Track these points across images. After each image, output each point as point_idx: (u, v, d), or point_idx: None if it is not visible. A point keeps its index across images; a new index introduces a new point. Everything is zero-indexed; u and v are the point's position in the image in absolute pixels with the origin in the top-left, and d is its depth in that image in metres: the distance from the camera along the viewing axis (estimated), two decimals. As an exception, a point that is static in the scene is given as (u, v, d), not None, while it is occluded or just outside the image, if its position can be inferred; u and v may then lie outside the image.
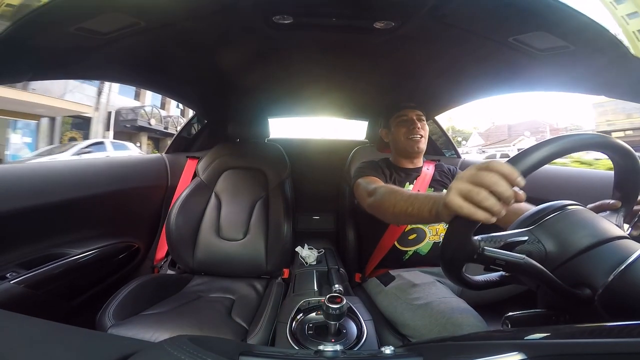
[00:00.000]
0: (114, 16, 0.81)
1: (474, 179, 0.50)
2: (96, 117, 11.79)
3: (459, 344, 0.57)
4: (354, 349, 0.80)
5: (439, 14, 0.81)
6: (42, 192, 1.08)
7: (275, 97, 1.79)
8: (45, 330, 0.39)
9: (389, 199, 0.87)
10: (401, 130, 1.33)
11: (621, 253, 0.51)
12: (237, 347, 0.61)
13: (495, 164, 0.49)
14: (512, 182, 0.48)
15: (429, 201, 0.70)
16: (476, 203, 0.49)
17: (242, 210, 1.54)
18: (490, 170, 0.49)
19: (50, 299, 1.05)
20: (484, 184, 0.49)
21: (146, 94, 14.47)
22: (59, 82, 9.79)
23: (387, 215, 0.89)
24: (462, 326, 0.81)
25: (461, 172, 0.54)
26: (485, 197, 0.48)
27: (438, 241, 1.19)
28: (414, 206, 0.75)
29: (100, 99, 11.78)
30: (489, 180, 0.48)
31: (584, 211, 0.61)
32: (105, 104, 11.95)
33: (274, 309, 1.10)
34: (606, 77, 0.90)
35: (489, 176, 0.48)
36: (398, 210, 0.81)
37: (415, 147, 1.30)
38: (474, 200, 0.49)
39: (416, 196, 0.77)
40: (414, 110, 1.33)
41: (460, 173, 0.55)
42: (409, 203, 0.77)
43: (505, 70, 1.10)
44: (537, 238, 0.58)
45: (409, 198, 0.79)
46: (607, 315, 0.49)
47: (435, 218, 0.67)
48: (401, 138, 1.33)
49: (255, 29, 0.96)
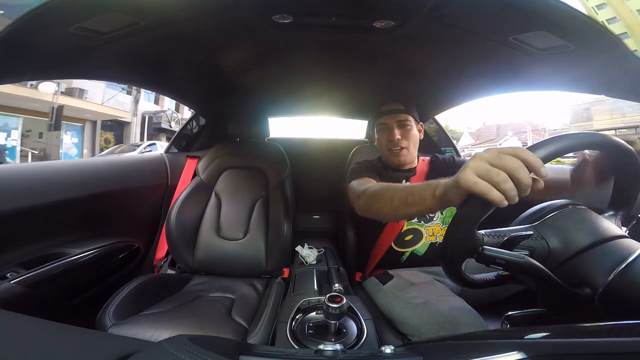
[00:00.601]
0: (113, 16, 0.81)
1: (495, 161, 0.48)
2: (134, 122, 14.02)
3: (459, 343, 0.57)
4: (354, 348, 0.80)
5: (438, 14, 0.81)
6: (42, 191, 1.08)
7: (275, 96, 1.79)
8: (45, 330, 0.39)
9: (383, 195, 0.80)
10: (382, 139, 1.24)
11: (621, 252, 0.51)
12: (237, 346, 0.61)
13: (522, 150, 0.48)
14: (536, 171, 0.47)
15: (431, 185, 0.65)
16: (494, 183, 0.47)
17: (242, 210, 1.54)
18: (514, 156, 0.48)
19: (51, 299, 1.05)
20: (506, 167, 0.47)
21: (164, 99, 16.06)
22: (99, 91, 12.09)
23: (385, 211, 0.80)
24: (460, 324, 0.82)
25: (478, 153, 0.52)
26: (505, 179, 0.47)
27: (435, 242, 1.19)
28: (414, 194, 0.69)
29: (137, 106, 13.99)
30: (511, 165, 0.47)
31: (583, 210, 0.61)
32: (140, 110, 14.24)
33: (274, 308, 1.10)
34: (606, 77, 0.90)
35: (512, 161, 0.47)
36: (396, 202, 0.74)
37: (395, 160, 1.23)
38: (493, 180, 0.47)
39: (414, 185, 0.72)
40: (396, 116, 1.21)
41: (477, 153, 0.52)
42: (407, 192, 0.71)
43: (505, 69, 1.10)
44: (540, 234, 0.58)
45: (405, 188, 0.74)
46: (607, 314, 0.49)
47: (439, 201, 0.61)
48: (382, 148, 1.26)
49: (255, 29, 0.96)
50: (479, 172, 0.49)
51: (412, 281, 1.05)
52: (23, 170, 1.14)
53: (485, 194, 0.47)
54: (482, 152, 0.51)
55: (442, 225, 1.20)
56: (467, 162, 0.52)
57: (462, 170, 0.51)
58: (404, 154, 1.21)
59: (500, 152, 0.49)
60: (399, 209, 0.73)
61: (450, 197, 0.56)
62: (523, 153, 0.48)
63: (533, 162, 0.47)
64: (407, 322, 0.94)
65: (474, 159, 0.51)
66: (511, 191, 0.47)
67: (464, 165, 0.52)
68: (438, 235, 1.19)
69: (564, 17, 0.71)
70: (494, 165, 0.48)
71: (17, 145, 10.50)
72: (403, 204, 0.71)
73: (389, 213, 0.79)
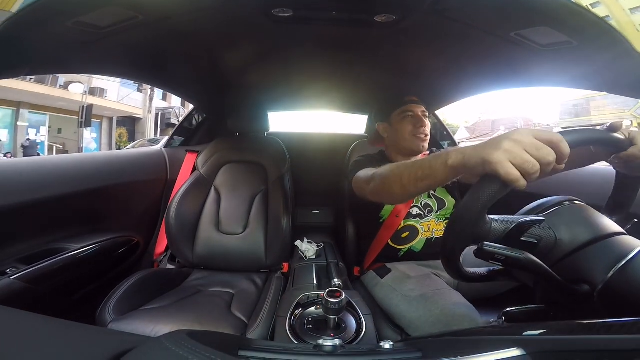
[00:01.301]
0: (111, 10, 0.80)
1: (533, 151, 0.47)
2: (148, 118, 14.87)
3: (458, 339, 0.57)
4: (353, 343, 0.80)
5: (440, 8, 0.81)
6: (41, 186, 1.08)
7: (275, 91, 1.78)
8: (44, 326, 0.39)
9: (394, 173, 0.78)
10: (406, 127, 1.24)
11: (621, 249, 0.51)
12: (236, 341, 0.62)
13: (561, 141, 0.47)
14: (560, 162, 0.47)
15: (440, 156, 0.62)
16: (525, 174, 0.46)
17: (241, 204, 1.54)
18: (553, 147, 0.47)
19: (51, 295, 1.06)
20: (542, 161, 0.46)
21: (172, 96, 16.76)
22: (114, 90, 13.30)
23: (395, 190, 0.78)
24: (454, 317, 0.82)
25: (516, 133, 0.49)
26: (537, 171, 0.46)
27: (431, 237, 1.19)
28: (423, 167, 0.67)
29: (152, 104, 14.95)
30: (547, 160, 0.46)
31: (584, 207, 0.61)
32: (154, 107, 15.21)
33: (273, 303, 1.10)
34: (609, 73, 0.89)
35: (549, 154, 0.46)
36: (406, 179, 0.71)
37: (420, 146, 1.23)
38: (526, 171, 0.46)
39: (422, 159, 0.70)
40: (419, 106, 1.25)
41: (513, 135, 0.49)
42: (417, 167, 0.69)
43: (506, 65, 1.09)
44: (548, 225, 0.58)
45: (414, 163, 0.72)
46: (606, 311, 0.49)
47: (452, 170, 0.59)
48: (406, 135, 1.25)
49: (254, 22, 0.95)
50: (514, 159, 0.47)
51: (409, 274, 1.06)
52: (22, 165, 1.14)
53: (512, 183, 0.46)
54: (518, 134, 0.49)
55: (437, 220, 1.21)
56: (499, 140, 0.50)
57: (495, 149, 0.49)
58: (427, 139, 1.24)
59: (538, 138, 0.48)
60: (410, 185, 0.71)
61: (469, 168, 0.54)
62: (561, 143, 0.47)
63: (565, 154, 0.47)
64: (403, 315, 0.95)
65: (509, 141, 0.48)
66: (535, 179, 0.47)
67: (496, 142, 0.50)
68: (434, 231, 1.19)
69: (566, 13, 0.70)
70: (532, 155, 0.47)
71: (45, 140, 12.04)
72: (414, 179, 0.69)
73: (399, 192, 0.77)
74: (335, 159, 1.85)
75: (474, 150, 0.53)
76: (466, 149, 0.56)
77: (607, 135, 0.57)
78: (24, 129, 11.29)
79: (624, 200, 0.66)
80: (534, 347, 0.36)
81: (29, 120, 11.47)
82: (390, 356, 0.48)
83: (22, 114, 11.14)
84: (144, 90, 14.28)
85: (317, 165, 2.13)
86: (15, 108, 11.04)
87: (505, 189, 0.48)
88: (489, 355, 0.37)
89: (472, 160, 0.53)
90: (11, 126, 11.06)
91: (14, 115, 11.09)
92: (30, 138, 11.25)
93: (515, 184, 0.46)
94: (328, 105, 2.20)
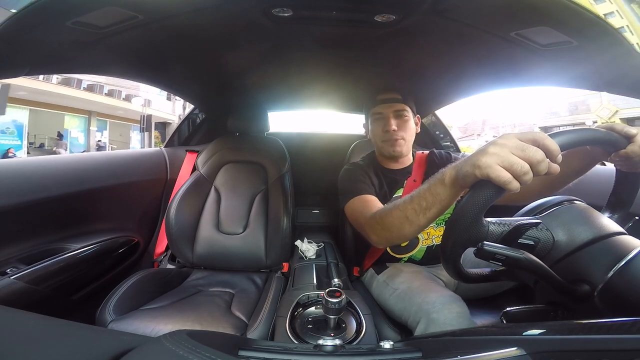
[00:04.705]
0: (111, 10, 0.80)
1: (519, 152, 0.48)
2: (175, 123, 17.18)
3: (458, 339, 0.57)
4: (353, 343, 0.80)
5: (440, 8, 0.80)
6: (42, 186, 1.08)
7: (275, 91, 1.78)
8: (44, 326, 0.39)
9: (395, 216, 0.75)
10: (376, 129, 1.18)
11: (621, 249, 0.50)
12: (236, 341, 0.62)
13: (544, 138, 0.48)
14: (552, 158, 0.48)
15: (436, 178, 0.63)
16: (516, 176, 0.47)
17: (241, 204, 1.54)
18: (538, 145, 0.48)
19: (51, 294, 1.05)
20: (531, 160, 0.47)
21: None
22: (155, 100, 16.94)
23: (406, 229, 0.74)
24: (435, 305, 0.81)
25: (501, 137, 0.51)
26: (528, 172, 0.47)
27: (431, 244, 1.17)
28: (425, 197, 0.65)
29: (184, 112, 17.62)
30: (536, 158, 0.47)
31: (584, 207, 0.61)
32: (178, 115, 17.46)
33: (273, 303, 1.10)
34: (609, 73, 0.89)
35: (536, 152, 0.47)
36: (412, 214, 0.69)
37: (391, 152, 1.16)
38: (516, 172, 0.47)
39: (418, 189, 0.69)
40: (392, 105, 1.15)
41: (499, 140, 0.51)
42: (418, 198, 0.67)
43: (506, 65, 1.09)
44: (545, 226, 0.58)
45: (412, 197, 0.69)
46: (606, 311, 0.49)
47: (452, 187, 0.59)
48: (377, 140, 1.19)
49: (254, 22, 0.95)
50: (502, 162, 0.48)
51: (402, 270, 1.07)
52: (22, 165, 1.14)
53: (505, 185, 0.47)
54: (506, 139, 0.50)
55: (437, 227, 1.18)
56: (486, 146, 0.51)
57: (482, 154, 0.50)
58: (400, 143, 1.14)
59: (521, 139, 0.49)
60: (419, 218, 0.68)
61: (465, 179, 0.54)
62: (545, 140, 0.48)
63: (553, 150, 0.47)
64: (392, 308, 0.96)
65: (495, 145, 0.50)
66: (529, 180, 0.47)
67: (483, 148, 0.51)
68: (434, 238, 1.17)
69: (566, 13, 0.70)
70: (520, 156, 0.48)
71: (107, 142, 15.86)
72: (421, 211, 0.67)
73: (410, 230, 0.73)
74: (335, 159, 1.85)
75: (464, 161, 0.55)
76: (458, 162, 0.58)
77: (596, 133, 0.57)
78: (94, 132, 15.28)
79: (625, 198, 0.66)
80: (534, 347, 0.36)
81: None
82: (390, 356, 0.48)
83: (92, 121, 15.18)
84: (172, 99, 17.62)
85: (317, 165, 2.13)
86: (87, 115, 15.00)
87: (500, 191, 0.48)
88: (489, 355, 0.37)
89: (464, 169, 0.54)
90: (85, 130, 15.07)
91: (87, 121, 15.08)
92: (100, 140, 15.50)
93: (507, 186, 0.47)
94: (328, 105, 2.20)
